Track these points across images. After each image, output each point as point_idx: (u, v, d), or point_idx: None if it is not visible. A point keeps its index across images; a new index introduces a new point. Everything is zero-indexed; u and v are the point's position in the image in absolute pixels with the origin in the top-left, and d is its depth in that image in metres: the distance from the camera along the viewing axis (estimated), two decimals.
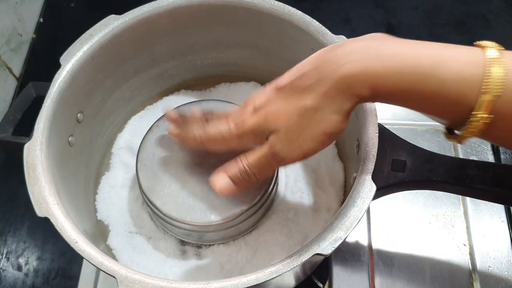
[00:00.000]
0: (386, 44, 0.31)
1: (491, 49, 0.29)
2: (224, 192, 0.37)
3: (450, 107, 0.30)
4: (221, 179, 0.37)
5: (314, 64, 0.32)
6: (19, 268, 0.57)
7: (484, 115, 0.29)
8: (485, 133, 0.30)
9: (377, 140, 0.40)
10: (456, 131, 0.32)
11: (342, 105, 0.32)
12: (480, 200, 0.52)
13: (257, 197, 0.44)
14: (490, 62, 0.29)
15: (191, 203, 0.43)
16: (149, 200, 0.44)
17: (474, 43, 0.31)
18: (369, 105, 0.41)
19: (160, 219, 0.46)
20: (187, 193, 0.44)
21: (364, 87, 0.31)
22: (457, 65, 0.29)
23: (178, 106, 0.49)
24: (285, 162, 0.35)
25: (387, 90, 0.31)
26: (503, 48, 0.30)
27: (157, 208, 0.44)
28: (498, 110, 0.28)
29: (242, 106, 0.37)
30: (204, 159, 0.46)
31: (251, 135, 0.35)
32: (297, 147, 0.34)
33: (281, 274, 0.34)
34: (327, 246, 0.35)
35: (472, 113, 0.29)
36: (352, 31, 0.76)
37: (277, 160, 0.35)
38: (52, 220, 0.37)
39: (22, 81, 0.72)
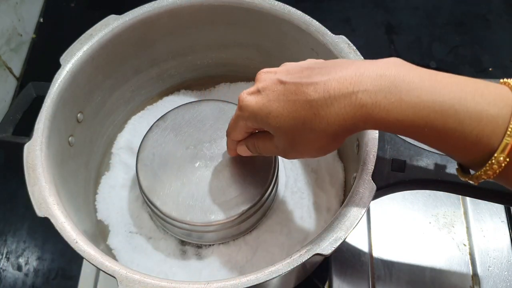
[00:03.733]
0: (404, 74, 0.29)
1: None
2: (242, 153, 0.41)
3: (469, 147, 0.28)
4: (241, 147, 0.40)
5: (326, 78, 0.30)
6: (19, 268, 0.57)
7: (507, 159, 0.27)
8: (500, 176, 0.28)
9: (377, 140, 0.40)
10: (471, 171, 0.31)
11: (338, 129, 0.30)
12: (480, 200, 0.52)
13: (257, 197, 0.44)
14: None
15: (191, 203, 0.43)
16: (149, 200, 0.44)
17: (501, 80, 0.29)
18: None
19: (160, 219, 0.46)
20: (187, 193, 0.44)
21: (369, 121, 0.29)
22: (481, 103, 0.27)
23: (178, 106, 0.49)
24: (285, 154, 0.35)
25: (396, 124, 0.29)
26: None
27: (157, 208, 0.44)
28: None
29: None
30: (204, 159, 0.46)
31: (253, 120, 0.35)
32: (295, 149, 0.34)
33: (281, 274, 0.34)
34: (327, 246, 0.35)
35: (495, 155, 0.27)
36: (352, 31, 0.76)
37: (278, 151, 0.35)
38: (52, 220, 0.37)
39: (22, 81, 0.72)
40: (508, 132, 0.27)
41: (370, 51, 0.63)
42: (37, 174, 0.39)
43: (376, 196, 0.38)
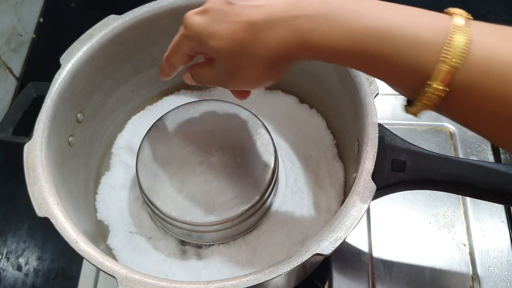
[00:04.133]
0: (346, 1, 0.28)
1: (458, 17, 0.27)
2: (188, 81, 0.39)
3: (405, 74, 0.27)
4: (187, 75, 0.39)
5: (272, 0, 0.29)
6: (19, 268, 0.57)
7: (440, 87, 0.26)
8: (440, 108, 0.28)
9: (377, 140, 0.40)
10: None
11: (276, 56, 0.30)
12: (480, 200, 0.52)
13: (257, 197, 0.44)
14: (454, 29, 0.26)
15: (191, 203, 0.43)
16: (149, 200, 0.44)
17: (445, 9, 0.28)
18: (369, 105, 0.41)
19: (160, 219, 0.46)
20: (187, 193, 0.44)
21: (306, 50, 0.29)
22: (417, 29, 0.27)
23: (178, 106, 0.49)
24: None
25: (335, 50, 0.28)
26: (472, 18, 0.28)
27: (157, 208, 0.44)
28: (456, 83, 0.26)
29: None
30: (204, 159, 0.46)
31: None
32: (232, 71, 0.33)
33: (281, 274, 0.34)
34: (327, 246, 0.35)
35: (428, 82, 0.27)
36: None
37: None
38: (52, 220, 0.37)
39: (22, 81, 0.72)
40: (441, 58, 0.26)
41: None
42: (37, 174, 0.39)
43: (376, 196, 0.38)
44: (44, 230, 0.59)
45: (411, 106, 0.29)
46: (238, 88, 0.36)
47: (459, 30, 0.26)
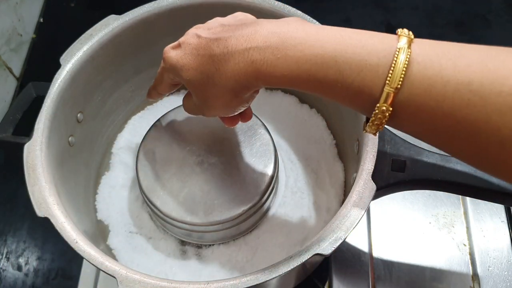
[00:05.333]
0: (293, 31, 0.30)
1: (403, 38, 0.27)
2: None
3: (354, 97, 0.28)
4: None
5: (230, 34, 0.31)
6: (19, 268, 0.57)
7: (384, 107, 0.27)
8: (391, 125, 0.29)
9: (377, 140, 0.40)
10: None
11: (235, 85, 0.32)
12: (480, 200, 0.52)
13: (257, 197, 0.44)
14: (398, 51, 0.27)
15: (191, 203, 0.43)
16: (149, 200, 0.44)
17: (396, 30, 0.29)
18: None
19: (160, 219, 0.46)
20: (187, 193, 0.44)
21: (259, 78, 0.30)
22: (361, 54, 0.27)
23: (179, 106, 0.49)
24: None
25: (284, 79, 0.30)
26: (414, 37, 0.28)
27: (157, 208, 0.44)
28: (399, 103, 0.27)
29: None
30: (204, 159, 0.46)
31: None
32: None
33: (281, 274, 0.34)
34: (327, 246, 0.35)
35: (377, 105, 0.27)
36: None
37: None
38: (52, 220, 0.37)
39: (22, 81, 0.72)
40: (387, 82, 0.27)
41: None
42: (37, 174, 0.39)
43: (376, 196, 0.38)
44: (44, 230, 0.59)
45: (368, 125, 0.30)
46: (215, 115, 0.38)
47: (402, 51, 0.27)
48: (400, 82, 0.26)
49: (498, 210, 0.56)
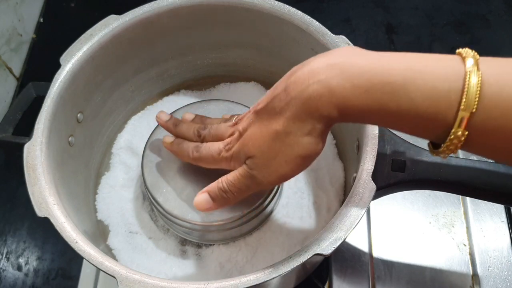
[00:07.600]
0: (353, 60, 0.29)
1: (469, 59, 0.27)
2: (199, 206, 0.38)
3: (427, 125, 0.28)
4: (201, 195, 0.38)
5: (285, 85, 0.31)
6: (19, 268, 0.57)
7: (459, 132, 0.27)
8: (465, 148, 0.28)
9: (377, 140, 0.40)
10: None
11: (313, 127, 0.31)
12: (480, 200, 0.52)
13: (260, 199, 0.44)
14: (469, 74, 0.26)
15: (193, 202, 0.43)
16: (152, 196, 0.44)
17: (457, 50, 0.28)
18: None
19: (161, 215, 0.46)
20: (190, 191, 0.44)
21: (332, 108, 0.29)
22: (431, 80, 0.27)
23: (188, 104, 0.49)
24: (263, 185, 0.35)
25: (355, 110, 0.29)
26: (478, 56, 0.27)
27: (159, 205, 0.44)
28: (474, 126, 0.26)
29: (233, 123, 0.37)
30: None
31: (236, 159, 0.36)
32: (273, 171, 0.33)
33: (281, 274, 0.34)
34: (327, 246, 0.35)
35: (453, 131, 0.27)
36: (352, 31, 0.76)
37: (255, 183, 0.35)
38: (52, 220, 0.37)
39: (22, 81, 0.72)
40: (462, 107, 0.26)
41: None
42: (37, 174, 0.39)
43: (376, 196, 0.38)
44: (44, 230, 0.59)
45: (437, 149, 0.29)
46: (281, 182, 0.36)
47: (472, 73, 0.26)
48: (475, 106, 0.26)
49: (498, 210, 0.56)
